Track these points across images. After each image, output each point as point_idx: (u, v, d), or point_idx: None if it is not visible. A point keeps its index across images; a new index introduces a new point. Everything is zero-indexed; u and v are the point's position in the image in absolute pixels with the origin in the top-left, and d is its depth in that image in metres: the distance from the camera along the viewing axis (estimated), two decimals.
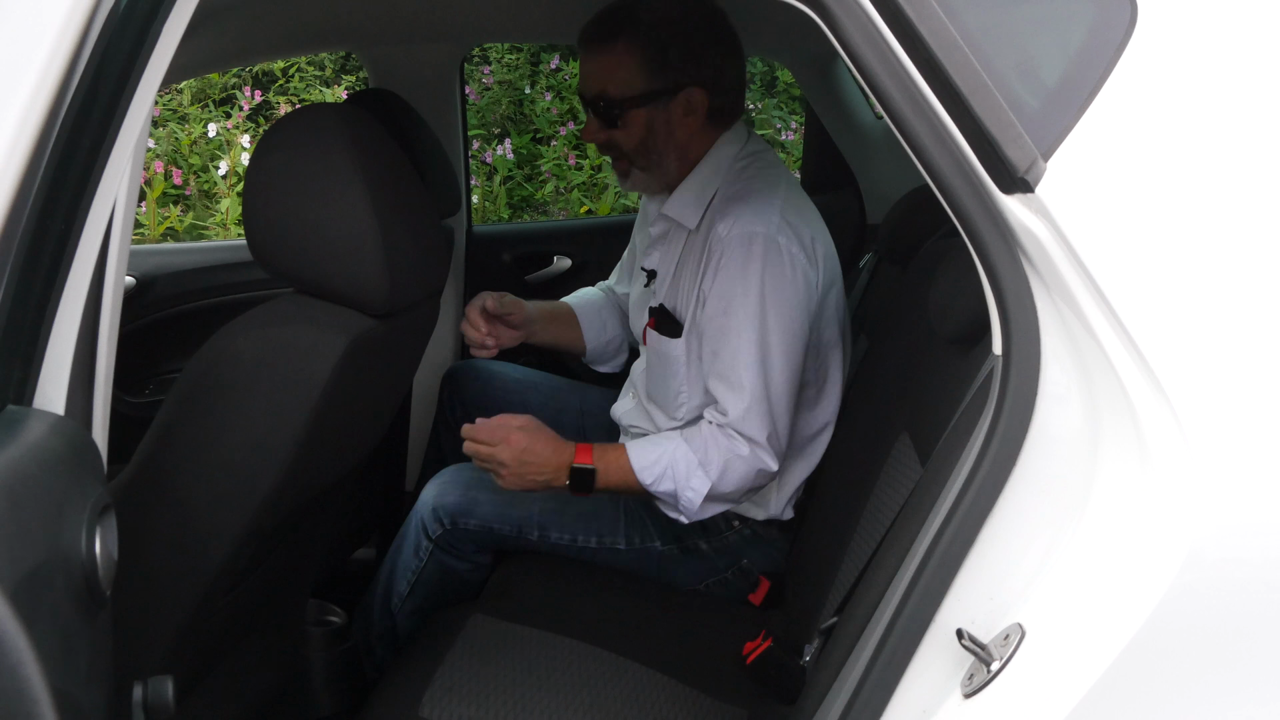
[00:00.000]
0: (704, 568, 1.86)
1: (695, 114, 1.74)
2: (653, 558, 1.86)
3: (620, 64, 1.71)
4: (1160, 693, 0.90)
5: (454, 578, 1.88)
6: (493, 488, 1.80)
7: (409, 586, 1.87)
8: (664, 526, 1.84)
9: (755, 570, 1.85)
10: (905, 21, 0.90)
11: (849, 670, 1.06)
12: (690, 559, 1.86)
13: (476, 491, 1.85)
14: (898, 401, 1.50)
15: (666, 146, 1.76)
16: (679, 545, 1.86)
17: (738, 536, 1.85)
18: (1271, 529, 0.88)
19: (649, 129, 1.74)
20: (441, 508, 1.84)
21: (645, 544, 1.86)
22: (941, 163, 0.93)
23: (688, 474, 1.68)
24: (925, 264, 1.67)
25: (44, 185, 0.82)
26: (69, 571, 0.76)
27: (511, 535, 1.85)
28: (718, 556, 1.86)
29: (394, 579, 1.88)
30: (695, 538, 1.85)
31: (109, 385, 0.93)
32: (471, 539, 1.85)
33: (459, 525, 1.83)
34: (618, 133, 1.76)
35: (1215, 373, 0.87)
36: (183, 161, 4.63)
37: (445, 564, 1.86)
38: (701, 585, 1.87)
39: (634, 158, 1.78)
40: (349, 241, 1.19)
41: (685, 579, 1.87)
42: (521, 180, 4.91)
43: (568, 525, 1.86)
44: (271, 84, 4.98)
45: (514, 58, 5.12)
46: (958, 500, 0.96)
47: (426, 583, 1.87)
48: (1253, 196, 0.88)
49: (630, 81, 1.71)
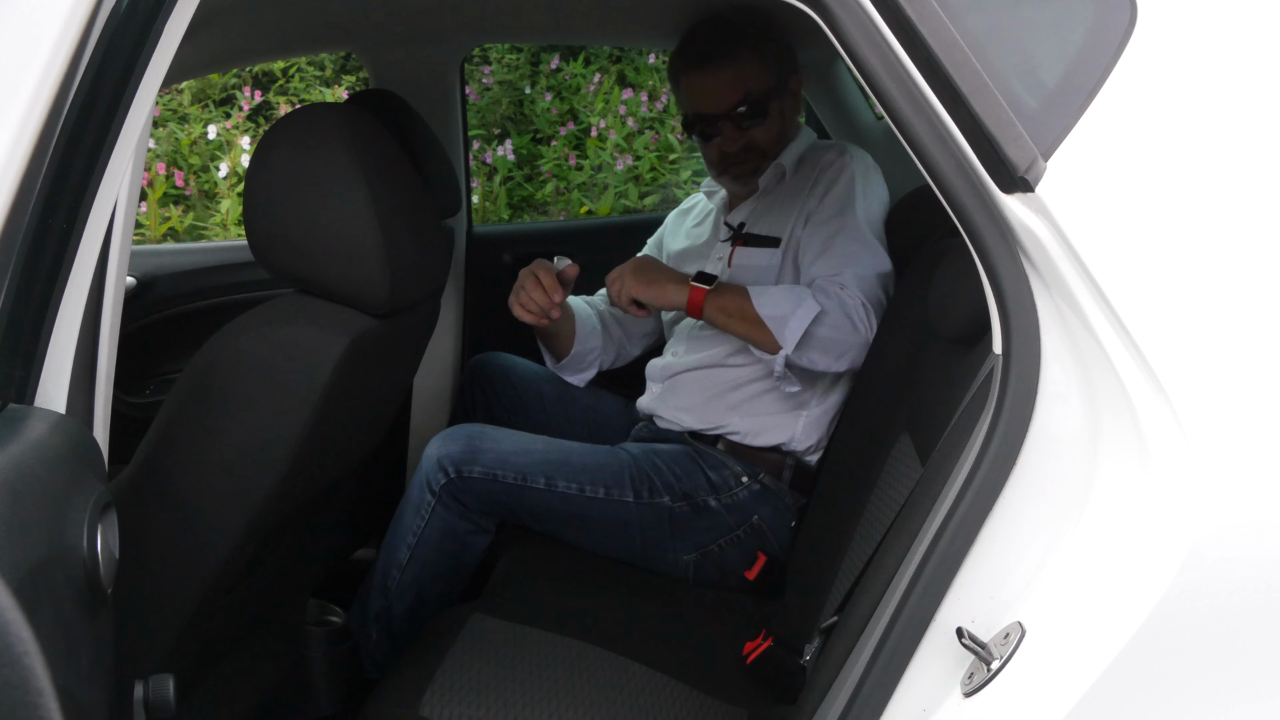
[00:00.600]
0: (716, 525, 1.88)
1: (799, 101, 2.01)
2: (662, 514, 1.87)
3: (753, 65, 1.89)
4: (1160, 691, 0.90)
5: (454, 541, 1.87)
6: (495, 439, 1.86)
7: (409, 552, 1.86)
8: (671, 484, 1.87)
9: (767, 529, 1.87)
10: (905, 21, 0.90)
11: (849, 669, 1.06)
12: (701, 516, 1.87)
13: (480, 441, 1.86)
14: (898, 401, 1.50)
15: (789, 130, 1.98)
16: (689, 502, 1.87)
17: (747, 492, 1.87)
18: (1271, 529, 0.88)
19: (783, 117, 1.95)
20: (445, 456, 1.84)
21: (654, 499, 1.87)
22: (941, 163, 0.93)
23: (798, 302, 1.76)
24: (925, 264, 1.67)
25: (45, 185, 0.82)
26: (70, 569, 0.76)
27: (516, 484, 1.84)
28: (729, 513, 1.87)
29: (392, 549, 1.88)
30: (704, 495, 1.87)
31: (110, 384, 0.93)
32: (476, 491, 1.84)
33: (463, 474, 1.83)
34: (759, 130, 1.92)
35: (1215, 372, 0.87)
36: (183, 162, 4.63)
37: (447, 523, 1.85)
38: (715, 545, 1.88)
39: (769, 149, 1.95)
40: (349, 241, 1.19)
41: (698, 538, 1.88)
42: (521, 180, 4.91)
43: (574, 475, 1.86)
44: (271, 84, 4.98)
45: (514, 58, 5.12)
46: (958, 499, 0.96)
47: (427, 544, 1.86)
48: (1253, 196, 0.89)
49: (766, 77, 1.90)
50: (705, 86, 1.91)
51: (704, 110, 1.92)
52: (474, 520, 1.87)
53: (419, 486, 1.87)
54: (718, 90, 1.89)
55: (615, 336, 2.19)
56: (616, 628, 1.68)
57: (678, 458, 1.91)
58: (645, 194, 4.79)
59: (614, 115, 4.92)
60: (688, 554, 1.89)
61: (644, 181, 4.78)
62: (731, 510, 1.87)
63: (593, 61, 5.15)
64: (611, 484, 1.87)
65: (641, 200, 4.76)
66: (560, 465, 1.87)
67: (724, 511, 1.87)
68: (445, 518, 1.85)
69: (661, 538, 1.88)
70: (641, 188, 4.77)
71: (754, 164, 1.96)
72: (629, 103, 4.95)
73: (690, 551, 1.89)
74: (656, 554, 1.89)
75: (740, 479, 1.89)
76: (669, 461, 1.90)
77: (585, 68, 5.09)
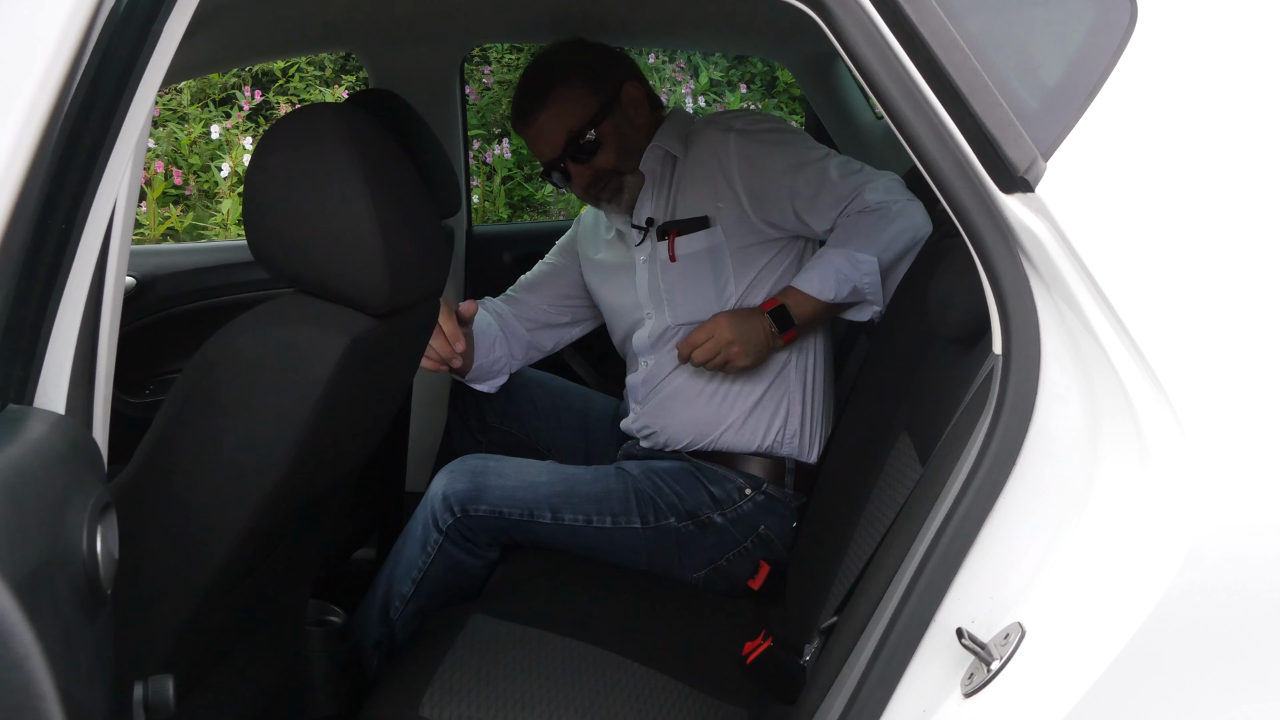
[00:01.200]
0: (723, 540, 1.87)
1: (641, 104, 1.96)
2: (669, 535, 1.87)
3: (568, 100, 1.90)
4: (1160, 691, 0.90)
5: (460, 575, 1.86)
6: (500, 474, 1.85)
7: (413, 586, 1.86)
8: (674, 504, 1.87)
9: (774, 537, 1.87)
10: (905, 21, 0.90)
11: (849, 670, 1.06)
12: (708, 534, 1.87)
13: (484, 478, 1.86)
14: (898, 401, 1.50)
15: (637, 140, 1.95)
16: (694, 521, 1.87)
17: (750, 504, 1.87)
18: (1271, 529, 0.88)
19: (620, 135, 1.93)
20: (452, 495, 1.84)
21: (660, 522, 1.87)
22: (941, 162, 0.93)
23: (853, 264, 1.77)
24: (925, 264, 1.67)
25: (45, 185, 0.82)
26: (70, 570, 0.76)
27: (523, 520, 1.84)
28: (734, 527, 1.87)
29: (395, 580, 1.87)
30: (709, 511, 1.87)
31: (109, 385, 0.93)
32: (482, 528, 1.84)
33: (469, 513, 1.83)
34: (600, 156, 1.92)
35: (1215, 372, 0.87)
36: (183, 161, 4.63)
37: (453, 558, 1.85)
38: (724, 560, 1.88)
39: (621, 165, 1.93)
40: (349, 241, 1.19)
41: (707, 555, 1.87)
42: (521, 180, 4.91)
43: (580, 506, 1.86)
44: (271, 84, 4.98)
45: (514, 58, 5.12)
46: (958, 500, 0.96)
47: (432, 579, 1.85)
48: (1253, 196, 0.88)
49: (584, 106, 1.90)
50: (532, 139, 1.96)
51: (543, 158, 1.96)
52: (481, 555, 1.87)
53: (424, 523, 1.85)
54: (543, 139, 1.93)
55: (521, 337, 2.15)
56: (616, 628, 1.68)
57: (679, 475, 1.90)
58: None
59: None
60: (696, 572, 1.89)
61: None
62: (737, 524, 1.87)
63: None
64: (619, 511, 1.86)
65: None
66: (566, 497, 1.86)
67: (729, 526, 1.87)
68: (453, 553, 1.85)
69: (670, 560, 1.88)
70: None
71: (614, 184, 1.95)
72: None
73: (699, 569, 1.89)
74: (664, 575, 1.89)
75: (744, 491, 1.88)
76: (670, 480, 1.89)
77: None
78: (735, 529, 1.87)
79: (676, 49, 5.07)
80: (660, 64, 5.14)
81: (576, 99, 1.90)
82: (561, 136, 1.90)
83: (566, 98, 1.90)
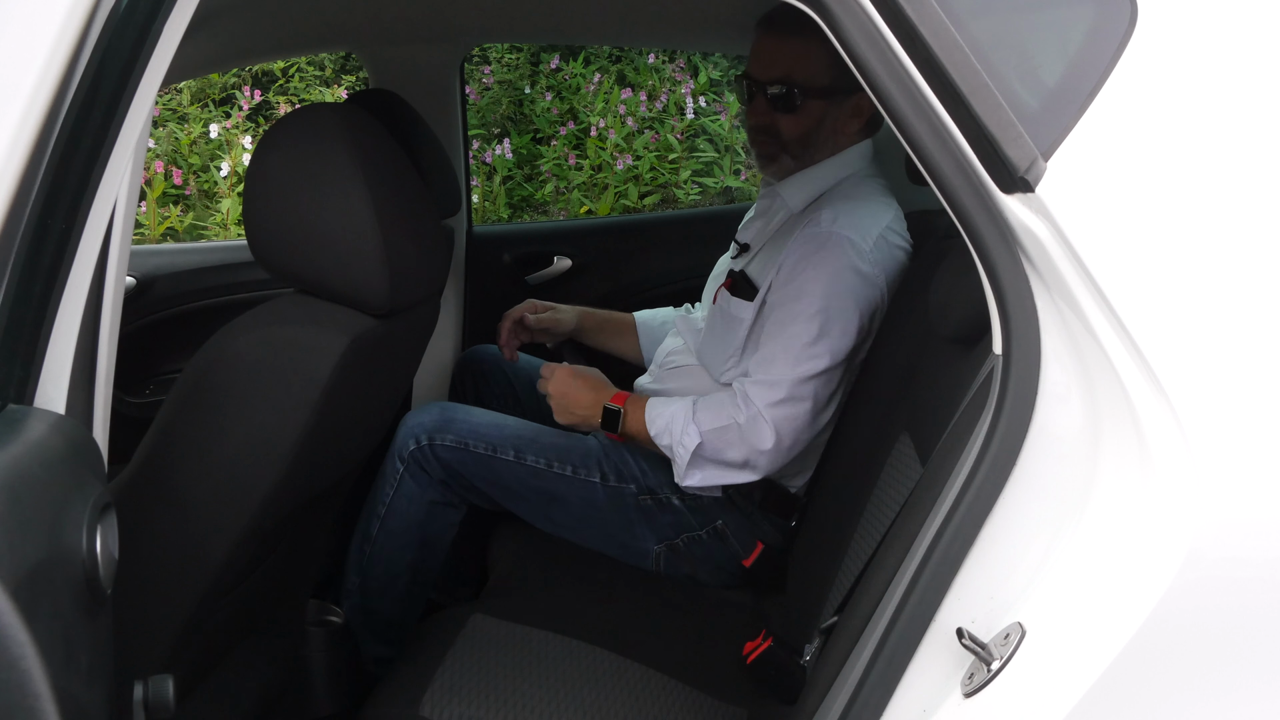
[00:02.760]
0: (679, 522, 1.88)
1: (859, 119, 1.81)
2: (629, 500, 1.88)
3: (812, 53, 1.74)
4: (1160, 691, 0.90)
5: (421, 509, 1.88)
6: (468, 413, 1.91)
7: (378, 523, 1.89)
8: (637, 476, 1.89)
9: (731, 535, 1.87)
10: (905, 21, 0.90)
11: (849, 670, 1.06)
12: (665, 512, 1.88)
13: (453, 413, 1.91)
14: (898, 401, 1.50)
15: (825, 143, 1.82)
16: (653, 497, 1.89)
17: (710, 499, 1.87)
18: (1271, 529, 0.88)
19: (820, 122, 1.80)
20: (418, 425, 1.88)
21: (620, 484, 1.89)
22: (941, 163, 0.93)
23: (683, 429, 1.74)
24: (925, 264, 1.67)
25: (45, 185, 0.82)
26: (70, 570, 0.76)
27: (486, 455, 1.87)
28: (692, 515, 1.88)
29: (364, 525, 1.91)
30: (668, 493, 1.88)
31: (109, 385, 0.93)
32: (445, 460, 1.87)
33: (434, 442, 1.86)
34: (787, 119, 1.79)
35: (1215, 373, 0.87)
36: (182, 161, 4.63)
37: (414, 491, 1.88)
38: (679, 539, 1.88)
39: (791, 146, 1.82)
40: (349, 241, 1.19)
41: (662, 532, 1.89)
42: (521, 180, 4.91)
43: (543, 451, 1.90)
44: (271, 84, 4.98)
45: (514, 58, 5.12)
46: (958, 500, 0.96)
47: (394, 514, 1.88)
48: (1253, 196, 0.88)
49: (818, 73, 1.75)
50: (758, 50, 1.83)
51: (750, 71, 1.85)
52: (440, 491, 1.89)
53: (391, 458, 1.90)
54: (765, 58, 1.81)
55: None
56: (616, 628, 1.68)
57: (649, 454, 1.90)
58: (645, 194, 4.79)
59: (614, 115, 4.92)
60: (655, 544, 1.90)
61: (644, 181, 4.78)
62: (695, 512, 1.88)
63: (592, 61, 5.15)
64: (579, 464, 1.89)
65: (641, 200, 4.75)
66: (530, 441, 1.91)
67: (687, 512, 1.88)
68: (412, 486, 1.88)
69: (630, 523, 1.90)
70: (641, 188, 4.77)
71: (771, 150, 1.84)
72: (628, 102, 4.95)
73: (657, 542, 1.90)
74: (626, 538, 1.90)
75: None
76: (639, 455, 1.91)
77: (585, 68, 5.09)
78: (693, 516, 1.88)
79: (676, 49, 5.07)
80: (660, 64, 5.14)
81: (820, 60, 1.74)
82: (778, 72, 1.78)
83: (812, 51, 1.74)
